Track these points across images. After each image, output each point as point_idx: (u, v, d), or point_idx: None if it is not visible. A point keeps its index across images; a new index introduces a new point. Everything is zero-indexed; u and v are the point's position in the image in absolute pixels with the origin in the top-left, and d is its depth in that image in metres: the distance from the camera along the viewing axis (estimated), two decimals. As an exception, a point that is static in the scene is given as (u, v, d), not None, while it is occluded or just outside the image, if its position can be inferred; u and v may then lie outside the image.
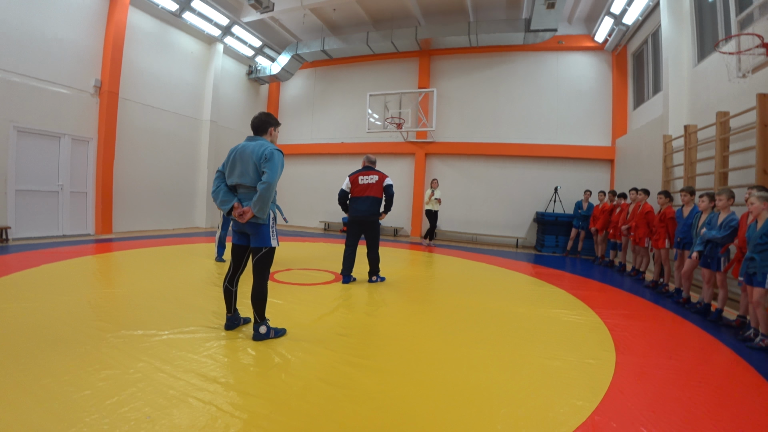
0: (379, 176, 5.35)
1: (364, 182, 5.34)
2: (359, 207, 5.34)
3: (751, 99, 5.52)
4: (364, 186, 5.34)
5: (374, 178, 5.33)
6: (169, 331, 3.22)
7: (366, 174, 5.38)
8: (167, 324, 3.39)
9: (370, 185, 5.32)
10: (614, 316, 4.44)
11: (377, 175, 5.35)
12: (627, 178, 9.74)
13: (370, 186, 5.32)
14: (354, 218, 5.40)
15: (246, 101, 13.59)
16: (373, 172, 5.38)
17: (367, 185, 5.33)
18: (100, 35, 8.92)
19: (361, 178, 5.37)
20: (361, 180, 5.36)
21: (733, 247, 4.57)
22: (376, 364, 2.85)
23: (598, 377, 2.81)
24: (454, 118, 12.16)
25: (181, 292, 4.48)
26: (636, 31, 9.74)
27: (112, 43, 8.88)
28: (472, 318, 4.12)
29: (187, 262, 6.36)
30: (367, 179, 5.35)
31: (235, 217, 3.08)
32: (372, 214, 5.33)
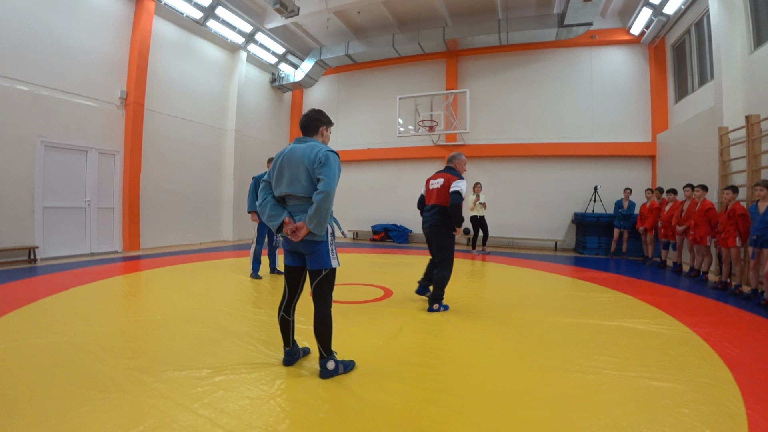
0: (446, 179, 4.41)
1: (432, 187, 4.55)
2: (425, 216, 4.59)
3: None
4: (431, 192, 4.56)
5: (440, 182, 4.45)
6: (220, 371, 2.72)
7: (436, 177, 4.56)
8: (215, 360, 2.90)
9: (435, 190, 4.48)
10: (701, 324, 4.10)
11: (444, 178, 4.44)
12: (672, 174, 9.33)
13: (435, 192, 4.49)
14: (426, 228, 4.59)
15: (269, 109, 13.45)
16: (441, 175, 4.51)
17: (433, 191, 4.52)
18: (126, 45, 8.83)
19: (432, 182, 4.59)
20: (431, 185, 4.59)
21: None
22: (461, 400, 2.40)
23: (725, 400, 2.46)
24: (483, 120, 11.87)
25: (221, 316, 4.03)
26: (676, 22, 9.36)
27: (137, 52, 8.78)
28: (548, 335, 3.70)
29: (221, 279, 5.98)
30: (434, 183, 4.54)
31: (287, 235, 2.63)
32: (432, 225, 4.45)
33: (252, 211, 6.04)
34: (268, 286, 5.57)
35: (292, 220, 2.60)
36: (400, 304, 4.73)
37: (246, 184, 11.40)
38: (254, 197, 5.97)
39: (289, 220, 2.60)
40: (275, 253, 6.43)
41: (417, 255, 9.42)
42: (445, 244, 4.43)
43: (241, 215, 11.60)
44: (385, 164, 13.12)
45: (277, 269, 6.40)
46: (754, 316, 4.48)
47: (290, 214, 2.64)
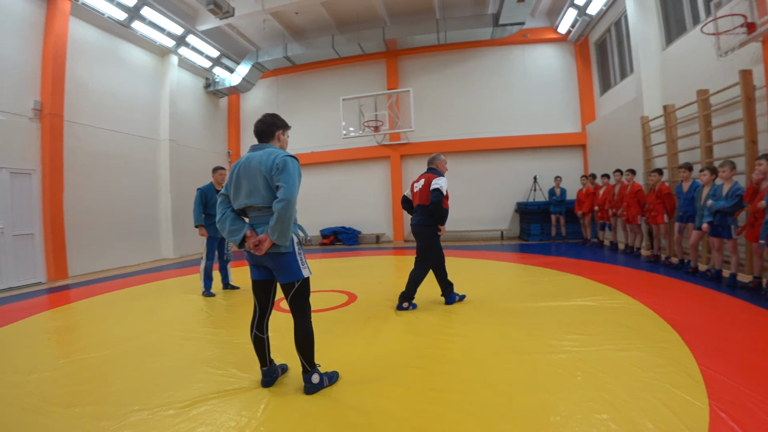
0: (426, 179, 4.42)
1: (416, 189, 4.57)
2: (412, 218, 4.58)
3: (727, 76, 5.86)
4: (414, 194, 4.59)
5: (421, 183, 4.48)
6: (194, 404, 2.43)
7: (419, 179, 4.57)
8: (185, 392, 2.58)
9: (418, 192, 4.49)
10: (645, 295, 4.49)
11: (424, 179, 4.46)
12: (601, 161, 10.14)
13: (418, 193, 4.50)
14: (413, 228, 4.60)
15: (205, 116, 12.75)
16: (423, 176, 4.52)
17: (417, 192, 4.53)
18: (38, 50, 7.91)
19: (415, 185, 4.61)
20: (414, 187, 4.61)
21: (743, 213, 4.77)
22: (457, 395, 2.41)
23: (681, 360, 2.74)
24: (427, 118, 12.12)
25: (181, 342, 3.65)
26: (598, 21, 10.19)
27: (52, 58, 7.90)
28: (518, 322, 3.84)
29: (170, 301, 5.47)
30: (417, 185, 4.55)
31: (250, 249, 2.47)
32: (416, 225, 4.45)
33: (199, 225, 5.67)
34: (223, 303, 5.25)
35: (255, 233, 2.45)
36: (368, 307, 4.66)
37: (185, 196, 10.70)
38: (201, 210, 5.62)
39: (251, 233, 2.45)
40: (227, 268, 6.08)
41: (371, 256, 9.42)
42: (427, 244, 4.41)
43: (181, 231, 10.88)
44: (332, 167, 13.00)
45: (230, 284, 6.06)
46: (685, 283, 5.01)
47: (252, 227, 2.49)
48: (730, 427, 1.94)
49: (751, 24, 5.10)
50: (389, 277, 6.75)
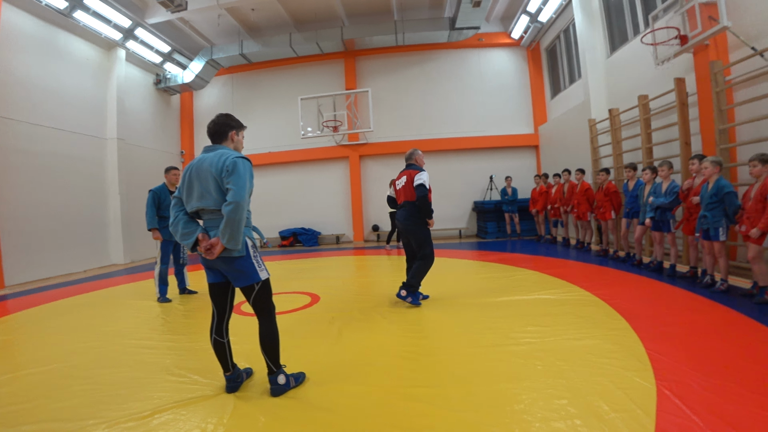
0: (408, 175, 4.47)
1: (398, 187, 4.60)
2: (399, 215, 4.60)
3: (664, 83, 6.36)
4: (398, 192, 4.62)
5: (404, 180, 4.51)
6: (155, 414, 2.30)
7: (400, 176, 4.61)
8: (145, 403, 2.45)
9: (402, 189, 4.53)
10: (596, 287, 4.77)
11: (406, 175, 4.50)
12: (553, 161, 10.66)
13: (402, 190, 4.53)
14: (399, 225, 4.64)
15: (156, 114, 12.13)
16: (405, 172, 4.55)
17: (400, 190, 4.56)
18: (-36, 40, 7.26)
19: (397, 183, 4.64)
20: (397, 185, 4.65)
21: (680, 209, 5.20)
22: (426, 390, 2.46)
23: (630, 345, 2.95)
24: (384, 118, 12.21)
25: (138, 351, 3.46)
26: (549, 28, 10.70)
27: (-19, 49, 7.28)
28: (481, 316, 3.97)
29: (123, 309, 5.12)
30: (399, 183, 4.58)
31: (202, 253, 2.41)
32: (404, 222, 4.48)
33: (153, 228, 5.41)
34: (181, 308, 5.04)
35: (207, 237, 2.41)
36: (331, 307, 4.64)
37: (136, 199, 10.15)
38: (154, 212, 5.35)
39: (203, 237, 2.40)
40: (183, 272, 5.83)
41: (332, 257, 9.37)
42: (422, 239, 4.44)
43: (131, 234, 10.30)
44: (290, 167, 12.79)
45: (187, 289, 5.83)
46: (632, 275, 5.38)
47: (205, 230, 2.45)
48: (674, 403, 2.11)
49: (683, 36, 5.56)
50: (351, 277, 6.75)
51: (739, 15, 5.14)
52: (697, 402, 2.11)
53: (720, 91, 5.32)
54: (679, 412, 2.03)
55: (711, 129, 5.50)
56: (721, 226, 4.26)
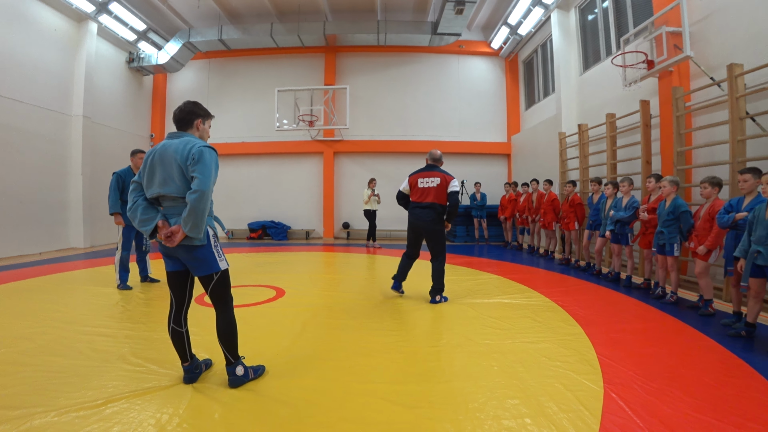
0: (442, 179, 4.49)
1: (424, 185, 4.54)
2: (420, 214, 4.56)
3: (630, 104, 6.67)
4: (423, 190, 4.54)
5: (435, 181, 4.50)
6: (109, 403, 2.25)
7: (427, 175, 4.56)
8: (99, 392, 2.38)
9: (432, 189, 4.49)
10: (556, 294, 4.97)
11: (439, 178, 4.49)
12: (524, 170, 10.97)
13: (432, 190, 4.49)
14: (412, 224, 4.66)
15: (127, 94, 11.66)
16: (436, 174, 4.53)
17: (428, 189, 4.51)
18: None
19: (421, 181, 4.56)
20: (420, 183, 4.56)
21: (637, 224, 5.47)
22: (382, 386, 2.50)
23: (582, 350, 3.10)
24: (361, 117, 12.23)
25: (94, 339, 3.33)
26: (528, 41, 11.00)
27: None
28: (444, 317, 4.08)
29: (81, 295, 4.91)
30: (427, 182, 4.53)
31: (161, 240, 2.37)
32: (429, 222, 4.52)
33: (115, 212, 5.23)
34: (141, 296, 4.90)
35: (167, 224, 2.37)
36: (297, 302, 4.63)
37: (100, 181, 9.76)
38: (117, 196, 5.18)
39: (164, 224, 2.36)
40: (146, 259, 5.67)
41: (300, 252, 9.31)
42: (441, 240, 4.65)
43: (94, 218, 9.89)
44: (263, 159, 12.61)
45: (149, 277, 5.67)
46: (590, 284, 5.62)
47: (165, 217, 2.40)
48: (618, 405, 2.25)
49: (650, 61, 5.87)
50: (319, 273, 6.74)
51: (702, 46, 5.47)
52: (639, 404, 2.25)
53: (680, 116, 5.64)
54: (623, 414, 2.16)
55: (670, 150, 5.83)
56: (675, 242, 4.51)
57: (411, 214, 4.69)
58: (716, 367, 2.81)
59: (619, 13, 7.46)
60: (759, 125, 4.65)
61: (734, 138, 4.70)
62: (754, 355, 3.05)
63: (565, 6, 8.80)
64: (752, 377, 2.66)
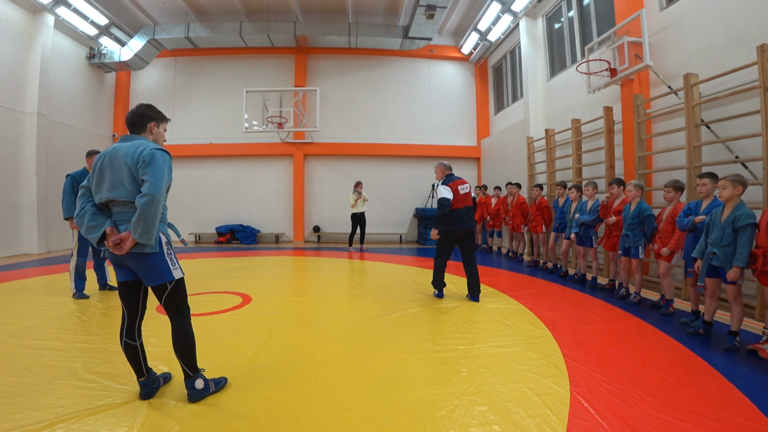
0: (469, 186, 5.06)
1: (464, 191, 4.92)
2: (468, 218, 4.94)
3: (595, 110, 6.89)
4: (463, 196, 4.91)
5: (468, 187, 5.01)
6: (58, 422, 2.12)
7: (462, 182, 4.99)
8: (47, 411, 2.23)
9: (467, 195, 4.95)
10: (524, 296, 5.05)
11: (468, 184, 5.05)
12: (493, 173, 11.15)
13: (467, 195, 4.94)
14: (464, 230, 4.94)
15: (87, 92, 11.08)
16: (465, 181, 5.06)
17: (466, 195, 4.94)
18: None
19: (461, 187, 4.94)
20: (461, 189, 4.92)
21: (602, 227, 5.64)
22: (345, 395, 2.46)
23: (549, 353, 3.15)
24: (331, 119, 12.13)
25: (42, 353, 3.12)
26: (497, 47, 11.20)
27: None
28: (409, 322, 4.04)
29: (31, 305, 4.61)
30: (465, 188, 4.96)
31: (109, 248, 2.25)
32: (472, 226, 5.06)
33: (69, 217, 4.94)
34: (99, 306, 4.63)
35: (116, 230, 2.24)
36: (263, 309, 4.50)
37: (56, 182, 9.22)
38: (71, 199, 4.88)
39: (112, 230, 2.23)
40: (104, 266, 5.38)
41: (269, 256, 9.11)
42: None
43: (49, 221, 9.36)
44: (230, 161, 12.28)
45: (108, 284, 5.39)
46: (557, 285, 5.74)
47: (114, 224, 2.28)
48: (584, 408, 2.28)
49: (613, 69, 6.07)
50: (287, 278, 6.59)
51: (661, 56, 5.71)
52: (604, 406, 2.29)
53: (641, 122, 5.86)
54: (588, 417, 2.19)
55: (632, 155, 6.04)
56: (640, 244, 4.64)
57: (459, 221, 4.87)
58: (676, 366, 2.90)
59: (583, 23, 7.71)
60: (713, 132, 4.88)
61: (690, 144, 4.92)
62: (711, 352, 3.19)
63: (533, 14, 9.02)
64: (710, 375, 2.77)
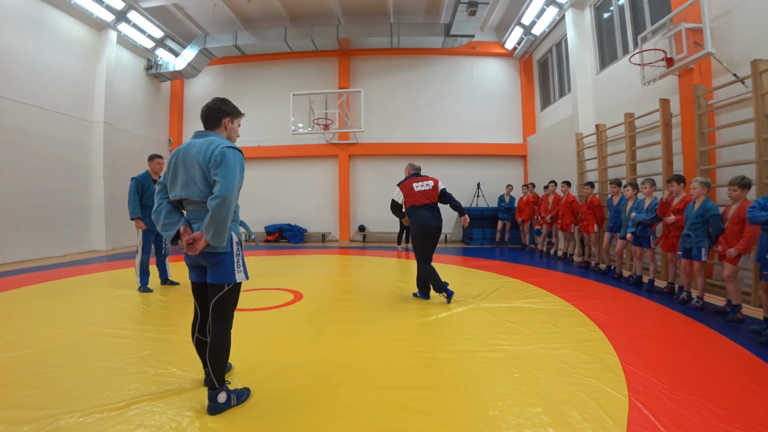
0: (434, 182, 4.91)
1: (420, 189, 4.83)
2: (430, 213, 4.81)
3: (649, 103, 6.52)
4: (420, 193, 4.82)
5: (430, 184, 4.86)
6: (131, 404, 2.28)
7: (420, 180, 4.90)
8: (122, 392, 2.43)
9: (427, 192, 4.83)
10: (575, 298, 4.87)
11: (432, 181, 4.90)
12: (540, 171, 10.82)
13: (427, 192, 4.83)
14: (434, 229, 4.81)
15: (145, 100, 11.92)
16: (429, 178, 4.94)
17: (424, 192, 4.83)
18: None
19: (416, 185, 4.86)
20: (416, 186, 4.85)
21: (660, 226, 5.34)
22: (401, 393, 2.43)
23: (604, 357, 3.01)
24: (375, 119, 12.23)
25: (114, 341, 3.38)
26: (542, 41, 10.87)
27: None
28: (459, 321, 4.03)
29: (102, 297, 5.00)
30: (421, 185, 4.85)
31: (183, 248, 2.24)
32: (439, 223, 4.87)
33: (135, 217, 5.32)
34: (161, 299, 4.97)
35: (189, 229, 2.23)
36: (313, 306, 4.63)
37: (121, 184, 9.95)
38: (137, 201, 5.27)
39: (185, 230, 2.22)
40: (165, 262, 5.75)
41: (317, 255, 9.33)
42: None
43: (115, 220, 10.11)
44: (278, 162, 12.71)
45: (169, 279, 5.75)
46: (611, 287, 5.48)
47: (188, 222, 2.27)
48: (645, 415, 2.17)
49: (670, 59, 5.72)
50: (334, 276, 6.74)
51: (724, 42, 5.32)
52: (665, 414, 2.18)
53: (702, 114, 5.49)
54: (649, 424, 2.08)
55: (692, 150, 5.67)
56: (703, 246, 4.32)
57: (422, 221, 4.75)
58: (746, 376, 2.70)
59: (635, 11, 7.31)
60: (787, 123, 4.49)
61: (760, 136, 4.55)
62: (787, 363, 2.94)
63: (580, 5, 8.66)
64: (785, 387, 2.56)
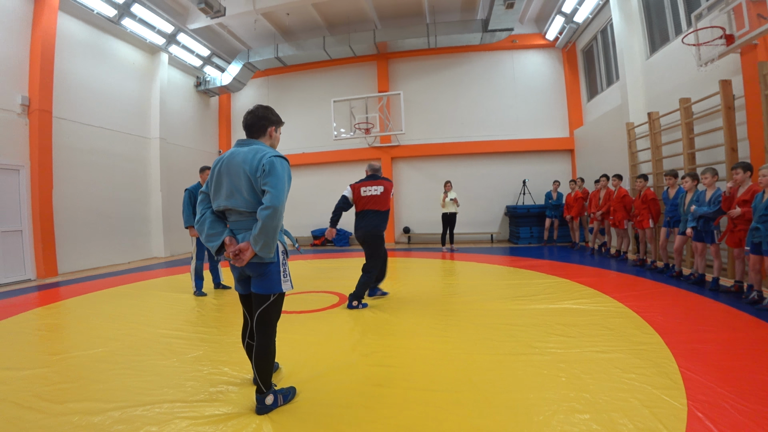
0: (386, 186, 4.70)
1: (367, 194, 4.69)
2: (359, 223, 4.72)
3: (708, 86, 6.03)
4: (366, 198, 4.69)
5: (379, 189, 4.70)
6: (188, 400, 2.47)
7: (370, 184, 4.73)
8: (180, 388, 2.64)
9: (373, 197, 4.68)
10: (629, 298, 4.60)
11: (383, 186, 4.70)
12: (588, 165, 10.32)
13: (373, 198, 4.68)
14: (357, 236, 4.77)
15: (196, 115, 12.68)
16: (379, 182, 4.73)
17: (370, 197, 4.68)
18: (25, 44, 7.80)
19: (364, 189, 4.71)
20: (363, 191, 4.71)
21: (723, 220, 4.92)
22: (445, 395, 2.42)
23: (660, 361, 2.82)
24: (415, 120, 12.20)
25: (171, 341, 3.66)
26: (585, 28, 10.38)
27: (40, 53, 7.78)
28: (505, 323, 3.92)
29: (160, 300, 5.43)
30: (370, 190, 4.70)
31: (229, 258, 2.21)
32: (374, 228, 4.66)
33: (189, 226, 5.67)
34: (214, 302, 5.27)
35: (234, 241, 2.21)
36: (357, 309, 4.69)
37: (176, 195, 10.65)
38: (190, 211, 5.61)
39: (231, 241, 2.20)
40: (218, 268, 6.10)
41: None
42: (377, 248, 4.73)
43: (172, 229, 10.83)
44: (322, 168, 13.00)
45: (222, 284, 6.08)
46: (669, 287, 5.12)
47: (232, 233, 2.24)
48: (706, 427, 2.01)
49: (729, 36, 5.26)
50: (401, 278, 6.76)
51: (794, 14, 4.82)
52: (729, 426, 2.01)
53: (770, 95, 5.00)
54: (710, 436, 1.94)
55: (760, 134, 5.17)
56: (776, 240, 3.96)
57: (355, 225, 4.76)
58: (826, 384, 2.44)
59: (688, -12, 6.80)
60: None
61: (841, 117, 4.08)
62: None
63: (626, -13, 8.17)
64: None
